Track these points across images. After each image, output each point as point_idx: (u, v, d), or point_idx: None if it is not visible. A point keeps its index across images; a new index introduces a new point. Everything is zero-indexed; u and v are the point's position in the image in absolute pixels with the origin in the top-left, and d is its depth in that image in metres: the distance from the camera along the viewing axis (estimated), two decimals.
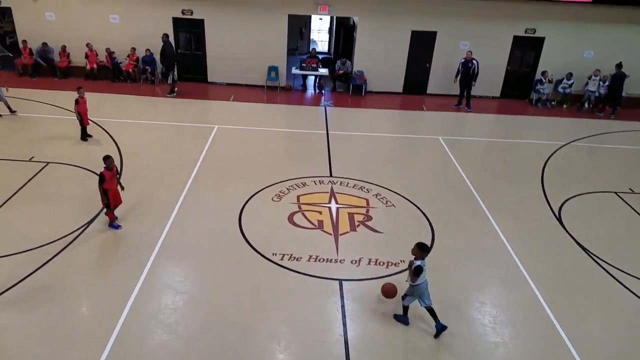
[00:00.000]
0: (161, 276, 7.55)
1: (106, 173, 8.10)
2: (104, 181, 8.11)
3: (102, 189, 8.15)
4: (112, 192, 8.29)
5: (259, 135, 13.00)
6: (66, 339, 6.25)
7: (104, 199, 8.27)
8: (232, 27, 16.03)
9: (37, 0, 15.51)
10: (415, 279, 6.47)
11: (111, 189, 8.26)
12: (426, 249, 6.57)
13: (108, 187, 8.19)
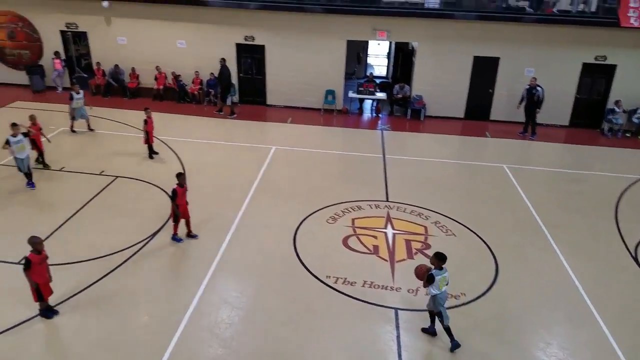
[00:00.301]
0: (218, 290, 7.89)
1: (178, 189, 8.63)
2: (176, 197, 8.62)
3: (175, 204, 8.66)
4: (182, 207, 8.82)
5: (315, 157, 13.34)
6: (127, 346, 6.66)
7: (174, 213, 8.78)
8: (291, 52, 16.71)
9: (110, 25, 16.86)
10: (427, 286, 6.62)
11: (181, 204, 8.77)
12: (443, 258, 6.68)
13: (179, 202, 8.71)
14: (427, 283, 6.62)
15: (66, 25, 17.16)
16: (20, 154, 10.17)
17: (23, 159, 10.24)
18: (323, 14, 15.94)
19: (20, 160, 10.23)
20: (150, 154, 12.35)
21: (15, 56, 17.82)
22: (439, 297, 6.69)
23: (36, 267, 6.68)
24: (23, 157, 10.22)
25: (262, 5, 15.95)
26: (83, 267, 8.17)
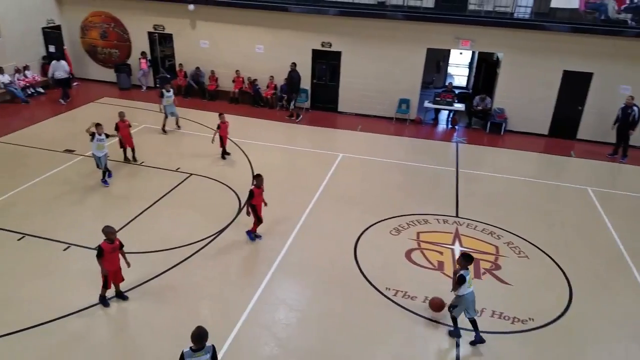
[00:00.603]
0: (277, 291, 8.25)
1: (255, 190, 9.10)
2: (253, 197, 9.10)
3: (250, 204, 9.14)
4: (259, 207, 9.29)
5: (383, 166, 13.45)
6: (185, 338, 7.08)
7: (253, 213, 9.23)
8: (368, 59, 16.95)
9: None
10: (458, 287, 6.97)
11: (257, 204, 9.25)
12: (470, 259, 7.03)
13: (255, 202, 9.18)
14: (458, 285, 6.98)
15: (154, 27, 18.59)
16: (99, 152, 10.99)
17: (101, 157, 11.01)
18: (404, 21, 16.06)
19: (98, 157, 11.03)
20: (222, 155, 13.06)
21: (106, 55, 19.55)
22: (466, 297, 7.02)
23: (108, 255, 7.26)
24: (101, 155, 11.00)
25: (342, 12, 16.37)
26: (154, 257, 8.86)
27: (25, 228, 9.39)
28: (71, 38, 19.36)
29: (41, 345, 6.84)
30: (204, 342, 5.37)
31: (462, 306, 7.16)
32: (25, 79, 17.31)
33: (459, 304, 7.15)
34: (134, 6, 18.27)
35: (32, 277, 8.17)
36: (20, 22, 17.26)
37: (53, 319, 7.24)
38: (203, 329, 5.40)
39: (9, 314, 7.33)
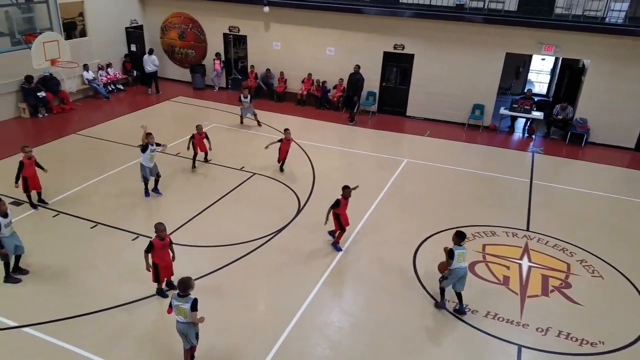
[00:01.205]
0: (331, 293, 8.37)
1: (342, 200, 9.25)
2: (338, 207, 9.24)
3: (334, 212, 9.28)
4: (343, 217, 9.45)
5: (450, 174, 13.20)
6: (242, 331, 7.43)
7: (336, 222, 9.36)
8: (442, 63, 16.70)
9: None
10: (450, 262, 7.59)
11: (342, 214, 9.42)
12: (462, 236, 7.73)
13: (340, 212, 9.35)
14: (450, 259, 7.61)
15: (229, 29, 19.41)
16: (150, 162, 10.66)
17: (151, 167, 10.72)
18: (483, 25, 15.71)
19: (149, 168, 10.67)
20: (280, 168, 12.77)
21: (183, 55, 20.66)
22: (456, 270, 7.66)
23: (158, 251, 7.59)
24: (151, 165, 10.70)
25: (418, 14, 16.26)
26: (215, 252, 9.28)
27: (99, 217, 10.15)
28: (152, 38, 20.65)
29: (102, 329, 7.38)
30: (188, 291, 6.18)
31: (452, 279, 7.79)
32: (108, 75, 18.67)
33: (450, 276, 7.78)
34: (212, 7, 19.17)
35: (101, 264, 8.81)
36: (106, 22, 18.65)
37: (116, 305, 7.79)
38: (188, 280, 6.23)
39: (80, 298, 7.96)
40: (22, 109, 15.72)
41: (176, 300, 6.19)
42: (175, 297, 6.22)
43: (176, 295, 6.21)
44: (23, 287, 8.09)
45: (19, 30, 11.81)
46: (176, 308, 6.24)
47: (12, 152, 12.81)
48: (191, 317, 6.19)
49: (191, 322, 6.27)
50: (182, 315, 6.24)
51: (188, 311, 6.14)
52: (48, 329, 7.25)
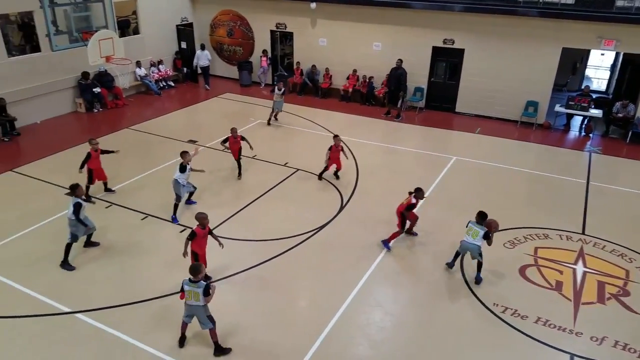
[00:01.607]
0: (374, 292, 8.24)
1: (417, 202, 9.21)
2: (412, 208, 9.23)
3: (407, 213, 9.28)
4: (413, 216, 9.46)
5: (500, 173, 12.76)
6: (282, 326, 7.44)
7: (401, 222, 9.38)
8: (494, 58, 16.19)
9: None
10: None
11: (412, 217, 9.46)
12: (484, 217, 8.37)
13: (412, 217, 9.41)
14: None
15: (276, 26, 19.53)
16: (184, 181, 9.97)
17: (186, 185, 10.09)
18: (538, 18, 15.11)
19: (183, 187, 9.99)
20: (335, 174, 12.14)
21: (231, 52, 20.96)
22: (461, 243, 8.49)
23: (199, 239, 7.80)
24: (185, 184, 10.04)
25: (469, 8, 15.83)
26: (258, 246, 9.35)
27: (149, 209, 10.43)
28: (201, 35, 21.06)
29: (150, 317, 7.56)
30: (198, 277, 6.53)
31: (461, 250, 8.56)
32: (159, 72, 19.19)
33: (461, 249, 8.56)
34: (260, 5, 19.35)
35: (150, 254, 9.05)
36: (158, 20, 19.14)
37: (164, 295, 7.96)
38: (199, 266, 6.67)
39: (129, 286, 8.20)
40: (78, 104, 16.40)
41: (188, 285, 6.56)
42: (186, 282, 6.58)
43: (187, 281, 6.57)
44: (75, 275, 8.41)
45: (76, 28, 12.32)
46: (188, 293, 6.59)
47: (69, 145, 13.43)
48: (204, 301, 6.56)
49: (202, 305, 6.61)
50: (195, 299, 6.58)
51: (201, 295, 6.51)
52: (99, 315, 7.50)
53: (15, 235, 9.43)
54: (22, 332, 7.20)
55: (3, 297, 7.85)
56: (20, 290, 7.99)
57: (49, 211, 10.20)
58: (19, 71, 14.51)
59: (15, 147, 13.67)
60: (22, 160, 12.61)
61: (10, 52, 14.55)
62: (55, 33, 11.69)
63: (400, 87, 16.69)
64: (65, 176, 11.54)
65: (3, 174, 11.87)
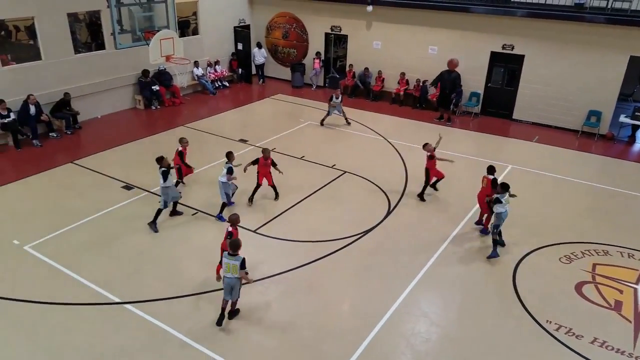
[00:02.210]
0: (420, 301, 7.99)
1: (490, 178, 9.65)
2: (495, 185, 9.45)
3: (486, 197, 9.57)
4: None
5: (559, 184, 12.18)
6: (324, 331, 7.33)
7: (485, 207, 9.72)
8: (555, 64, 15.52)
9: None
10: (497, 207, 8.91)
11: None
12: (507, 188, 9.01)
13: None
14: (496, 204, 8.91)
15: (331, 28, 19.53)
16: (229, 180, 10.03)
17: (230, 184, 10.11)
18: (605, 25, 14.39)
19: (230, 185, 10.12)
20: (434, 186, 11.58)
21: (285, 54, 21.13)
22: (503, 214, 8.94)
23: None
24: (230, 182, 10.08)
25: (532, 13, 15.30)
26: (302, 247, 9.29)
27: (199, 205, 10.60)
28: (257, 37, 21.35)
29: (198, 313, 7.64)
30: (237, 251, 7.01)
31: (501, 222, 8.99)
32: (215, 72, 19.60)
33: (499, 221, 8.96)
34: (316, 7, 19.41)
35: (199, 249, 9.17)
36: (217, 21, 19.56)
37: (210, 290, 8.05)
38: (238, 241, 7.13)
39: (179, 280, 8.34)
40: (137, 101, 16.99)
41: (227, 259, 7.02)
42: (226, 255, 7.05)
43: (227, 254, 7.04)
44: (125, 266, 8.63)
45: (140, 28, 12.73)
46: (226, 265, 7.03)
47: (127, 140, 13.91)
48: (240, 274, 7.01)
49: (238, 278, 7.08)
50: (232, 271, 7.02)
51: (238, 267, 6.97)
52: (148, 307, 7.63)
53: (71, 225, 9.76)
54: (78, 320, 7.41)
55: (60, 284, 8.14)
56: (75, 279, 8.25)
57: (105, 203, 10.55)
58: (84, 68, 15.19)
59: (76, 140, 14.27)
60: (82, 153, 13.14)
61: (77, 49, 15.26)
62: (119, 32, 12.11)
63: (454, 90, 16.30)
64: (122, 170, 12.01)
65: (64, 165, 12.41)
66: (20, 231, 9.47)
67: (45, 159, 12.69)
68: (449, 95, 16.36)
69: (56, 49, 14.41)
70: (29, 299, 7.73)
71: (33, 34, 14.19)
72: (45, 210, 10.29)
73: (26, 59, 14.23)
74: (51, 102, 14.32)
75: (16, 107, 13.43)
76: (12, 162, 12.63)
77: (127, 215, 10.14)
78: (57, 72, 14.49)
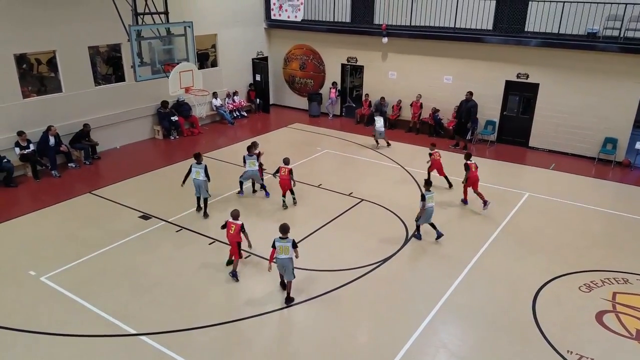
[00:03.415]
0: (440, 332, 7.90)
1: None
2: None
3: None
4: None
5: (576, 211, 12.09)
6: (342, 354, 7.28)
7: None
8: (570, 92, 15.61)
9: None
10: (422, 204, 10.10)
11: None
12: (430, 184, 10.45)
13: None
14: (422, 201, 10.09)
15: (347, 59, 19.94)
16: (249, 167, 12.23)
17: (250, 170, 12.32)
18: (619, 54, 14.50)
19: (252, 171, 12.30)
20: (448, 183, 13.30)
21: (302, 84, 21.56)
22: (428, 210, 10.17)
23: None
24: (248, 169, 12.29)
25: (545, 42, 15.50)
26: (320, 275, 9.30)
27: (216, 234, 10.64)
28: (275, 68, 21.87)
29: (214, 343, 7.67)
30: (287, 234, 8.18)
31: (426, 218, 10.20)
32: (234, 103, 20.04)
33: (422, 216, 10.18)
34: (333, 39, 19.87)
35: (216, 279, 9.24)
36: (235, 53, 20.11)
37: (229, 321, 8.09)
38: (287, 225, 8.31)
39: (194, 310, 8.40)
40: (156, 131, 17.40)
41: (279, 242, 8.14)
42: (277, 239, 8.15)
43: (278, 238, 8.15)
44: (142, 296, 8.67)
45: (159, 60, 13.14)
46: (279, 248, 8.11)
47: (145, 170, 14.18)
48: (292, 253, 8.16)
49: (290, 258, 8.14)
50: (285, 252, 8.12)
51: (290, 248, 8.08)
52: (162, 339, 7.63)
53: (88, 256, 9.83)
54: (93, 352, 7.39)
55: (76, 315, 8.14)
56: (91, 309, 8.26)
57: (122, 233, 10.67)
58: (104, 99, 15.63)
59: (94, 170, 14.55)
60: (100, 183, 13.38)
61: (97, 82, 15.76)
62: (139, 64, 12.51)
63: (469, 119, 16.43)
64: (140, 199, 12.20)
65: (82, 195, 12.62)
66: (36, 262, 9.57)
67: (63, 190, 12.96)
68: (465, 124, 16.48)
69: (77, 81, 14.87)
70: (44, 331, 7.74)
71: (54, 66, 14.70)
72: (63, 241, 10.43)
73: (47, 91, 14.76)
74: (70, 133, 14.70)
75: (36, 138, 13.78)
76: (31, 193, 12.89)
77: (143, 245, 10.27)
78: (77, 103, 14.92)
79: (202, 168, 11.12)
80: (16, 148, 13.39)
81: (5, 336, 7.64)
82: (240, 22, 19.96)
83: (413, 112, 18.35)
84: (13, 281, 8.99)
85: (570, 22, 15.13)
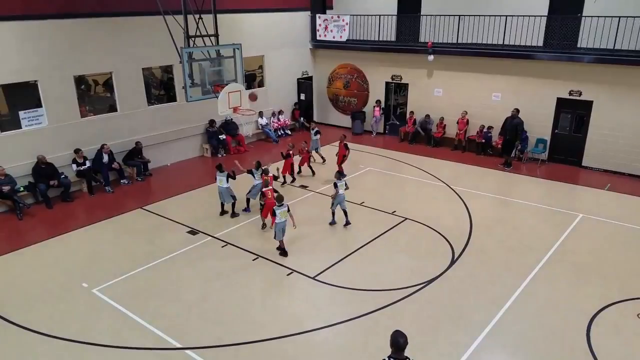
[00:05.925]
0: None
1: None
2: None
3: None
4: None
5: (633, 234, 11.46)
6: None
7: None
8: (626, 110, 14.91)
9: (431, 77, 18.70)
10: (335, 190, 11.46)
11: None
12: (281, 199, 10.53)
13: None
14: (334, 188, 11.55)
15: (392, 77, 19.87)
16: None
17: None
18: None
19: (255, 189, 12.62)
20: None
21: (346, 103, 21.63)
22: (338, 196, 11.51)
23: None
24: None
25: (599, 59, 14.93)
26: (360, 295, 9.16)
27: (258, 250, 10.80)
28: (319, 87, 22.08)
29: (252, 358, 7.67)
30: (282, 202, 10.35)
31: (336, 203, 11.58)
32: (279, 122, 20.33)
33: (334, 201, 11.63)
34: (377, 58, 19.88)
35: (259, 295, 9.30)
36: (281, 74, 20.47)
37: (273, 337, 8.07)
38: (281, 195, 10.79)
39: (239, 326, 8.44)
40: (205, 149, 17.86)
41: (278, 209, 10.12)
42: (276, 207, 10.13)
43: (277, 206, 10.16)
44: (188, 311, 8.80)
45: (209, 81, 13.53)
46: (280, 213, 10.12)
47: (194, 187, 14.54)
48: (289, 217, 10.31)
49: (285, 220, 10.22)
50: (284, 216, 10.21)
51: (287, 212, 10.23)
52: (209, 354, 7.69)
53: (138, 269, 10.12)
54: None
55: (124, 327, 8.36)
56: (139, 322, 8.45)
57: (171, 248, 10.94)
58: (156, 118, 16.25)
59: (146, 187, 15.07)
60: (151, 199, 13.83)
61: (150, 102, 16.41)
62: (190, 85, 12.94)
63: (516, 136, 15.98)
64: (188, 215, 12.50)
65: (134, 210, 13.08)
66: (89, 274, 9.92)
67: (116, 205, 13.45)
68: (511, 141, 16.05)
69: (131, 101, 15.52)
70: (93, 342, 7.96)
71: (110, 87, 15.42)
72: (114, 254, 10.79)
73: (103, 111, 15.46)
74: (124, 150, 15.32)
75: (91, 155, 14.45)
76: (86, 208, 13.47)
77: (191, 260, 10.47)
78: (130, 122, 15.55)
79: (225, 176, 12.15)
80: (73, 165, 14.05)
81: (58, 346, 7.91)
82: (287, 44, 20.34)
83: (459, 128, 18.04)
84: (67, 292, 9.34)
85: (626, 37, 14.55)
